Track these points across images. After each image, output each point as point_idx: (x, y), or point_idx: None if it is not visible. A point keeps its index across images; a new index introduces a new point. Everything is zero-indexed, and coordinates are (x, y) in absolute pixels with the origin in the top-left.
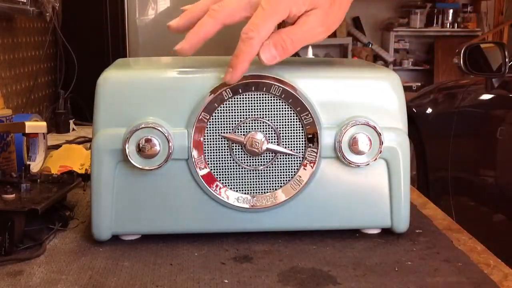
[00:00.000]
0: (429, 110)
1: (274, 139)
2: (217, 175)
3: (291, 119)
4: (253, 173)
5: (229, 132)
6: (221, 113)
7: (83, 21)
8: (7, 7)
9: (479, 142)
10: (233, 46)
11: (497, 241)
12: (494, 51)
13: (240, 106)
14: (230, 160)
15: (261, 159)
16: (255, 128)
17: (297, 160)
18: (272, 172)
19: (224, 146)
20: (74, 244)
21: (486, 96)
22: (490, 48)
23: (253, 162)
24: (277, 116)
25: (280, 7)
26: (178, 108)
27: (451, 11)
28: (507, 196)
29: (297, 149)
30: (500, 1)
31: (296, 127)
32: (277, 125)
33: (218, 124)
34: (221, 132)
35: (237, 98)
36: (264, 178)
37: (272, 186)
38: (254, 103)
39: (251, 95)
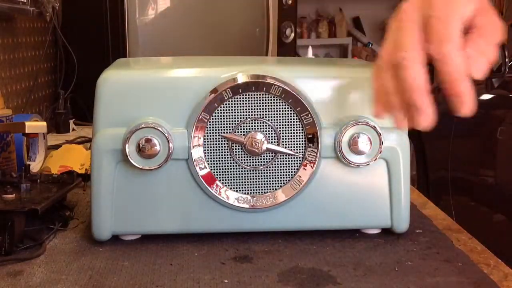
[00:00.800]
0: None
1: (274, 139)
2: (217, 175)
3: (291, 119)
4: (253, 173)
5: (229, 132)
6: (221, 113)
7: (83, 21)
8: (7, 7)
9: (479, 142)
10: (233, 46)
11: (497, 241)
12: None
13: (240, 106)
14: (230, 160)
15: (261, 159)
16: (255, 128)
17: (297, 160)
18: (272, 172)
19: (224, 146)
20: (74, 244)
21: (486, 96)
22: None
23: (253, 162)
24: (277, 116)
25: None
26: (178, 108)
27: None
28: (507, 196)
29: (297, 149)
30: (500, 1)
31: (296, 127)
32: (277, 125)
33: (218, 124)
34: (221, 132)
35: (237, 98)
36: (264, 178)
37: (272, 186)
38: (254, 103)
39: (251, 95)
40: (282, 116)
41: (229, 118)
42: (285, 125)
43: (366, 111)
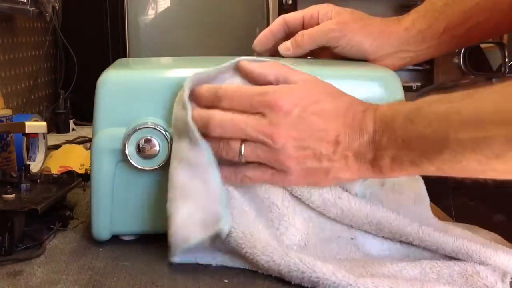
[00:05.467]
0: None
1: None
2: None
3: None
4: None
5: None
6: None
7: (83, 21)
8: (7, 7)
9: None
10: (233, 46)
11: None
12: (494, 51)
13: None
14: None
15: None
16: None
17: None
18: None
19: None
20: (74, 244)
21: None
22: (490, 48)
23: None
24: None
25: None
26: None
27: None
28: (507, 196)
29: None
30: None
31: None
32: None
33: None
34: None
35: None
36: None
37: None
38: None
39: None
40: None
41: None
42: None
43: None
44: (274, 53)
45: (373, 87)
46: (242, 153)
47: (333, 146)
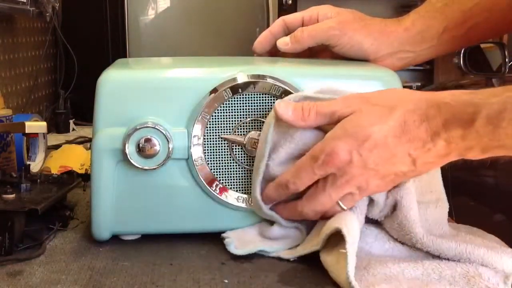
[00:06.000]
0: None
1: None
2: (217, 175)
3: None
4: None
5: (229, 132)
6: (221, 113)
7: (83, 21)
8: (7, 7)
9: None
10: (233, 46)
11: None
12: (494, 51)
13: (240, 106)
14: (230, 160)
15: None
16: (255, 128)
17: None
18: None
19: (224, 146)
20: (74, 244)
21: None
22: (490, 48)
23: (253, 162)
24: None
25: None
26: (178, 108)
27: None
28: (507, 196)
29: None
30: None
31: None
32: None
33: (218, 124)
34: (221, 132)
35: (237, 98)
36: None
37: None
38: (254, 103)
39: (251, 95)
40: None
41: (229, 118)
42: None
43: None
44: (274, 54)
45: (373, 87)
46: (344, 207)
47: (411, 161)
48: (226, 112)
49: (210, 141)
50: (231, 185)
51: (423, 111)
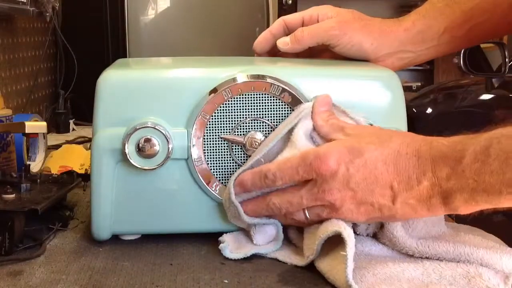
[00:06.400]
0: (429, 110)
1: None
2: (217, 175)
3: None
4: None
5: (229, 132)
6: (221, 113)
7: (83, 21)
8: (7, 7)
9: None
10: (233, 46)
11: None
12: (494, 51)
13: (240, 106)
14: (230, 160)
15: None
16: (255, 128)
17: None
18: None
19: (224, 146)
20: (74, 244)
21: (486, 96)
22: (490, 48)
23: None
24: (277, 116)
25: None
26: (178, 108)
27: None
28: None
29: None
30: None
31: None
32: (277, 125)
33: (218, 124)
34: (221, 132)
35: (237, 98)
36: None
37: None
38: (254, 103)
39: (251, 95)
40: (282, 116)
41: (229, 118)
42: None
43: (366, 111)
44: (274, 54)
45: (373, 87)
46: (308, 218)
47: (390, 196)
48: (226, 112)
49: (210, 141)
50: None
51: (417, 146)
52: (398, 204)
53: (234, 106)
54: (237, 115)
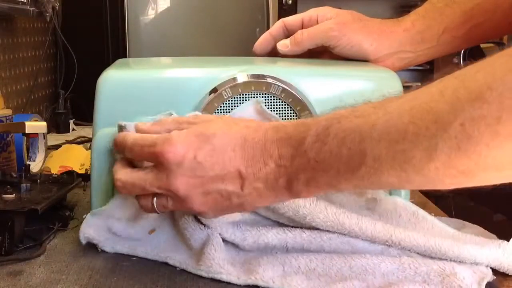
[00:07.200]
0: None
1: None
2: None
3: (291, 118)
4: None
5: None
6: (221, 113)
7: (83, 21)
8: (7, 7)
9: None
10: (233, 46)
11: None
12: (494, 51)
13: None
14: None
15: None
16: None
17: None
18: None
19: None
20: (74, 244)
21: None
22: (490, 48)
23: None
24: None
25: None
26: (178, 108)
27: None
28: (507, 196)
29: None
30: None
31: None
32: None
33: None
34: None
35: (237, 98)
36: None
37: None
38: None
39: (251, 95)
40: (282, 116)
41: None
42: None
43: None
44: (274, 56)
45: (373, 87)
46: (155, 206)
47: (239, 182)
48: (226, 112)
49: None
50: None
51: (264, 131)
52: (246, 190)
53: (234, 106)
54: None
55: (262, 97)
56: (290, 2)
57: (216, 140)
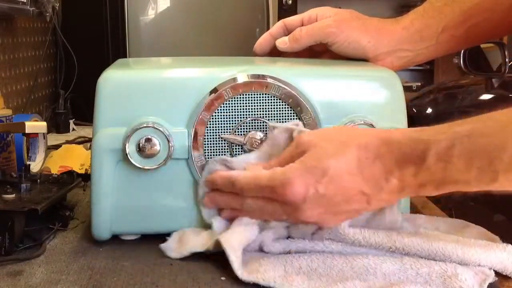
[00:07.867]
0: (429, 110)
1: None
2: None
3: (291, 119)
4: None
5: (229, 132)
6: (221, 113)
7: (83, 21)
8: (7, 7)
9: None
10: (233, 46)
11: None
12: (494, 51)
13: (240, 106)
14: None
15: None
16: (255, 128)
17: None
18: None
19: (224, 146)
20: (74, 244)
21: (486, 96)
22: (490, 48)
23: None
24: (277, 116)
25: None
26: (178, 108)
27: None
28: (507, 196)
29: None
30: None
31: None
32: None
33: (218, 124)
34: (221, 132)
35: (237, 98)
36: None
37: None
38: (254, 103)
39: (251, 95)
40: (282, 116)
41: (229, 118)
42: None
43: (366, 111)
44: (274, 56)
45: (373, 87)
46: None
47: (364, 200)
48: (226, 112)
49: (211, 141)
50: None
51: (375, 148)
52: (373, 203)
53: (234, 106)
54: (237, 115)
55: (262, 97)
56: (290, 2)
57: (331, 170)
